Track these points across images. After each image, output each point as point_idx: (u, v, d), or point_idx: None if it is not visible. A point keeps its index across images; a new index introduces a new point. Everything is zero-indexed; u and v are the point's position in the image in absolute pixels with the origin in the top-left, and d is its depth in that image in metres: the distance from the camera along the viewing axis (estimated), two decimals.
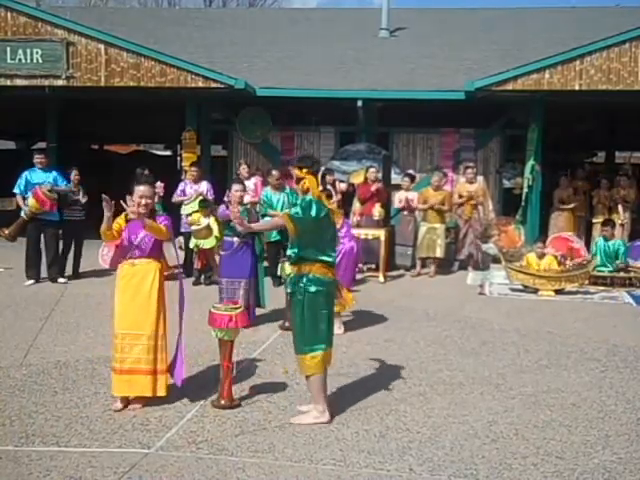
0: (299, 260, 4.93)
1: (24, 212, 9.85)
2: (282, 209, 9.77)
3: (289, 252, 5.08)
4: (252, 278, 7.48)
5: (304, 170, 4.93)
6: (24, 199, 9.91)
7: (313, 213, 4.81)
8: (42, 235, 10.01)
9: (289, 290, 5.04)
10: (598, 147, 22.42)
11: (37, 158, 10.17)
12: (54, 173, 10.25)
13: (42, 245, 10.09)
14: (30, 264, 10.01)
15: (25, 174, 10.08)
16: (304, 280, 4.88)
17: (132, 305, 5.12)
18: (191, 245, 10.00)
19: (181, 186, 10.97)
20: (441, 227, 11.54)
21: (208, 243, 9.67)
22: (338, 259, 7.53)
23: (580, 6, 20.76)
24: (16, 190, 10.08)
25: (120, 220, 5.24)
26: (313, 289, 4.87)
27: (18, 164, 10.49)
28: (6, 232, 9.82)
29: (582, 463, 4.36)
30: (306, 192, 4.92)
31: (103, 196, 5.08)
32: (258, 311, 7.80)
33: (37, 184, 9.79)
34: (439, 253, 11.47)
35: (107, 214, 5.06)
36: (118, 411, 5.06)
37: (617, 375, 6.19)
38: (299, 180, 4.98)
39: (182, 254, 9.94)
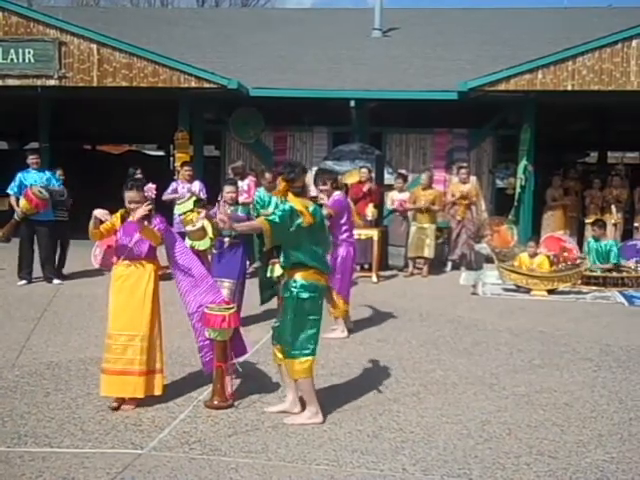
0: (291, 265, 4.91)
1: (17, 213, 9.82)
2: None
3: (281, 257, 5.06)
4: (240, 280, 7.45)
5: (280, 177, 4.93)
6: (18, 200, 9.88)
7: (289, 221, 4.75)
8: (35, 235, 9.97)
9: (281, 295, 5.03)
10: (590, 147, 22.49)
11: (31, 158, 10.11)
12: (47, 173, 10.23)
13: (35, 245, 10.04)
14: (23, 265, 9.96)
15: (19, 175, 10.05)
16: (296, 285, 4.85)
17: (127, 306, 5.11)
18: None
19: (172, 185, 10.95)
20: (431, 227, 11.51)
21: (203, 244, 9.63)
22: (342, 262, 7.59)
23: (572, 7, 20.83)
24: (10, 191, 10.03)
25: (114, 219, 5.22)
26: (305, 295, 4.85)
27: (10, 164, 10.44)
28: None
29: (575, 462, 4.37)
30: (284, 197, 4.89)
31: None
32: (251, 311, 7.80)
33: (30, 185, 9.76)
34: (427, 253, 11.45)
35: (98, 217, 5.06)
36: (114, 410, 5.04)
37: (609, 375, 6.20)
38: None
39: None
